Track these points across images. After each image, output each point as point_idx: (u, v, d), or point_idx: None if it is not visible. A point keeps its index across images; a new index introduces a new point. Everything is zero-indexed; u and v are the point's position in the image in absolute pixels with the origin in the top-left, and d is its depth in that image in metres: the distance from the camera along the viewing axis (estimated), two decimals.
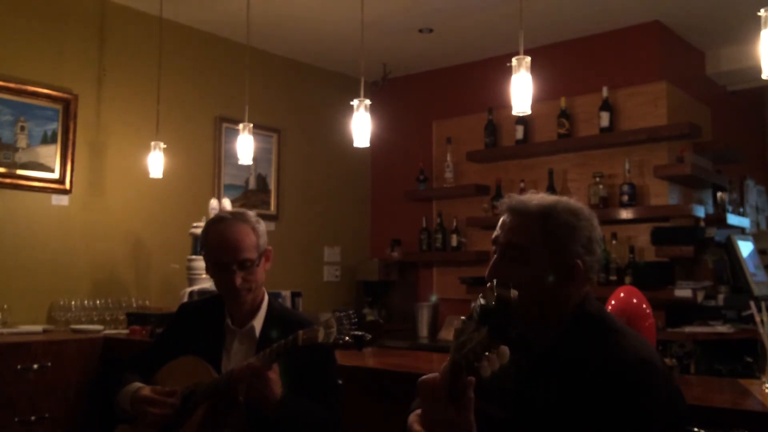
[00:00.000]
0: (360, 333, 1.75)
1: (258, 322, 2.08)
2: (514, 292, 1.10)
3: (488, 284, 1.13)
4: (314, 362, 1.98)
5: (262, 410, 1.83)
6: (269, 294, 2.17)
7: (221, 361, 2.04)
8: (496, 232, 1.49)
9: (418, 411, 1.44)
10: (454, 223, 5.12)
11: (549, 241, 1.41)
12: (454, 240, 5.12)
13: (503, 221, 1.49)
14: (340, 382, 2.14)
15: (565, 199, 1.49)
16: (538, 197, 1.48)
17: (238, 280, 2.01)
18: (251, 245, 2.07)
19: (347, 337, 1.73)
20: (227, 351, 2.07)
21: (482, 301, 1.11)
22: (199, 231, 3.91)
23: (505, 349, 1.09)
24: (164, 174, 4.02)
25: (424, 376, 1.23)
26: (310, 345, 1.77)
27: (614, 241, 4.35)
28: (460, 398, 1.16)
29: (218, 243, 2.05)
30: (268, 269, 2.15)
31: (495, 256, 1.47)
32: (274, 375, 1.83)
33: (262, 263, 2.10)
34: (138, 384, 2.01)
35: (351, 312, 1.80)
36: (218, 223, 2.10)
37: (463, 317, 1.18)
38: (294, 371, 1.94)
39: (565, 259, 1.41)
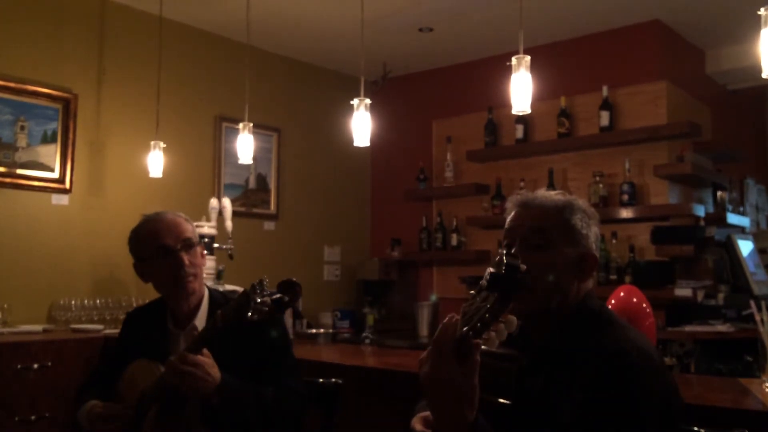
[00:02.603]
0: (276, 296, 1.73)
1: (200, 321, 2.04)
2: (523, 266, 1.11)
3: (497, 257, 1.14)
4: (267, 344, 1.96)
5: (204, 399, 1.79)
6: (209, 288, 2.13)
7: None
8: (511, 223, 1.49)
9: (422, 414, 1.44)
10: (454, 223, 5.12)
11: (568, 231, 1.43)
12: (454, 239, 5.12)
13: (517, 213, 1.49)
14: (340, 381, 2.13)
15: (573, 196, 1.52)
16: (549, 193, 1.50)
17: (186, 260, 1.99)
18: (189, 229, 2.06)
19: (265, 307, 1.70)
20: (176, 353, 1.99)
21: (492, 269, 1.13)
22: (199, 230, 3.91)
23: (513, 318, 1.11)
24: (164, 173, 4.02)
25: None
26: (230, 322, 1.73)
27: (614, 240, 4.35)
28: (467, 358, 1.15)
29: (159, 228, 2.03)
30: (204, 266, 2.11)
31: (515, 245, 1.44)
32: (207, 359, 1.79)
33: (200, 251, 2.07)
34: (92, 402, 1.99)
35: (263, 278, 1.75)
36: (152, 216, 2.09)
37: (472, 291, 1.18)
38: (249, 356, 1.93)
39: (582, 251, 1.43)
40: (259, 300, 1.70)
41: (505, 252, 1.14)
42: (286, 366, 2.02)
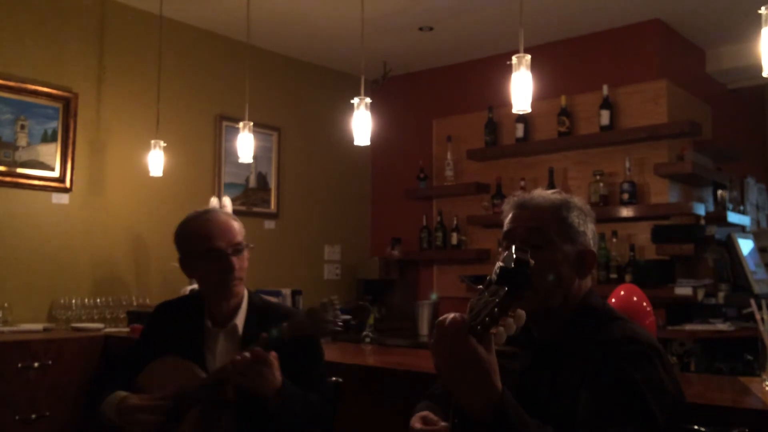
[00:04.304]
0: (346, 317, 1.75)
1: (240, 320, 2.04)
2: (532, 260, 1.10)
3: (506, 251, 1.13)
4: (302, 354, 1.96)
5: (264, 399, 1.80)
6: (248, 290, 2.13)
7: (205, 362, 2.00)
8: (509, 225, 1.49)
9: (421, 413, 1.44)
10: (455, 222, 5.12)
11: (566, 229, 1.45)
12: (454, 238, 5.12)
13: (515, 215, 1.50)
14: (340, 380, 2.14)
15: (569, 195, 1.53)
16: (545, 193, 1.51)
17: (236, 265, 1.99)
18: (240, 232, 2.06)
19: (334, 326, 1.72)
20: (211, 351, 2.02)
21: (501, 263, 1.12)
22: None
23: (521, 312, 1.09)
24: (164, 172, 4.03)
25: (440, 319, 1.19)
26: (298, 336, 1.76)
27: (615, 239, 4.35)
28: (481, 338, 1.13)
29: (211, 230, 2.01)
30: (246, 267, 2.12)
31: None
32: (276, 361, 1.81)
33: (247, 254, 2.07)
34: (122, 393, 1.96)
35: (334, 298, 1.77)
36: (204, 214, 2.08)
37: (480, 286, 1.16)
38: (282, 365, 1.93)
39: (581, 248, 1.45)
40: (331, 319, 1.74)
41: (514, 246, 1.13)
42: (319, 373, 2.03)
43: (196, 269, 2.06)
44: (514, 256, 1.11)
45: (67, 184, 3.98)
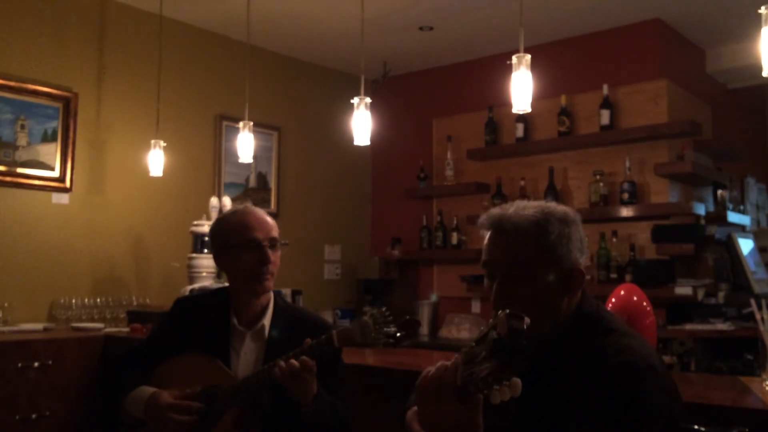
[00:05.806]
0: (396, 331, 1.76)
1: (267, 321, 2.05)
2: (527, 320, 1.07)
3: (500, 312, 1.09)
4: (325, 360, 1.95)
5: (300, 405, 1.82)
6: (273, 291, 2.14)
7: (230, 361, 2.00)
8: (487, 255, 1.46)
9: (414, 409, 1.44)
10: (455, 221, 5.11)
11: (548, 253, 1.39)
12: (454, 238, 5.12)
13: (492, 241, 1.46)
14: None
15: (548, 205, 1.47)
16: (520, 208, 1.45)
17: (272, 257, 2.01)
18: (276, 228, 2.08)
19: (386, 337, 1.73)
20: (236, 351, 2.02)
21: (495, 334, 1.08)
22: (199, 229, 3.92)
23: (517, 381, 1.06)
24: (164, 172, 4.02)
25: (424, 373, 1.19)
26: (349, 345, 1.78)
27: (615, 239, 4.34)
28: (469, 398, 1.12)
29: (249, 222, 2.03)
30: (278, 266, 2.13)
31: (495, 280, 1.42)
32: (314, 370, 1.83)
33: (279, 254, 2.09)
34: (150, 389, 1.94)
35: (384, 310, 1.78)
36: (243, 209, 2.09)
37: (472, 344, 1.13)
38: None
39: (565, 267, 1.40)
40: (381, 331, 1.76)
41: (508, 312, 1.08)
42: (340, 380, 2.04)
43: (232, 261, 2.04)
44: (508, 325, 1.07)
45: (67, 184, 3.98)
